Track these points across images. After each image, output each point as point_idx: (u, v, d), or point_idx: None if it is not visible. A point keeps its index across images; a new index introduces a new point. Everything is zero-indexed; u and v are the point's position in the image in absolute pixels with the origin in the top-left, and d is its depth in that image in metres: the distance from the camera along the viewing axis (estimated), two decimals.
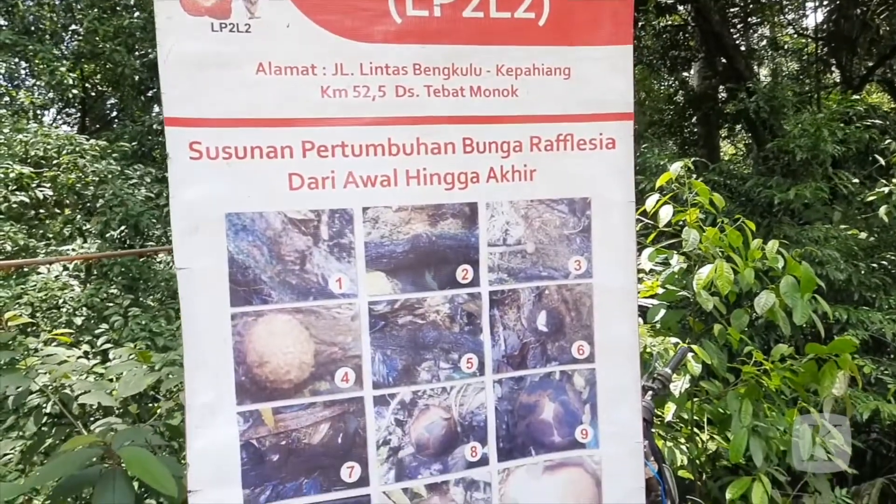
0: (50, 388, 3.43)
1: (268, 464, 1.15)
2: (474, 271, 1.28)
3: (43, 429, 3.55)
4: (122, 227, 5.82)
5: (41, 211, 6.22)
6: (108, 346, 4.71)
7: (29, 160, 6.10)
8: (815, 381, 3.55)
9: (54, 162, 6.17)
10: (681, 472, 3.74)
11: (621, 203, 1.33)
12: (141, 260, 5.65)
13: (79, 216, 6.12)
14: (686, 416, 3.91)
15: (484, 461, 1.29)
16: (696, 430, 3.88)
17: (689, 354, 3.48)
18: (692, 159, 3.75)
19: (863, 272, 5.23)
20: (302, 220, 1.18)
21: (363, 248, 1.21)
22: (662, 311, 3.65)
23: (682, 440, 3.74)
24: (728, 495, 3.43)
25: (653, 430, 2.73)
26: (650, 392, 2.65)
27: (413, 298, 1.24)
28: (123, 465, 2.22)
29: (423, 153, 1.23)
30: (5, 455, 4.19)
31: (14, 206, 5.66)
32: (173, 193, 1.10)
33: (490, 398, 1.29)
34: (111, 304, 5.22)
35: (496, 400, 1.30)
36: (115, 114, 10.61)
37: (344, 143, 1.19)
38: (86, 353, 4.56)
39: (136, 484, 2.27)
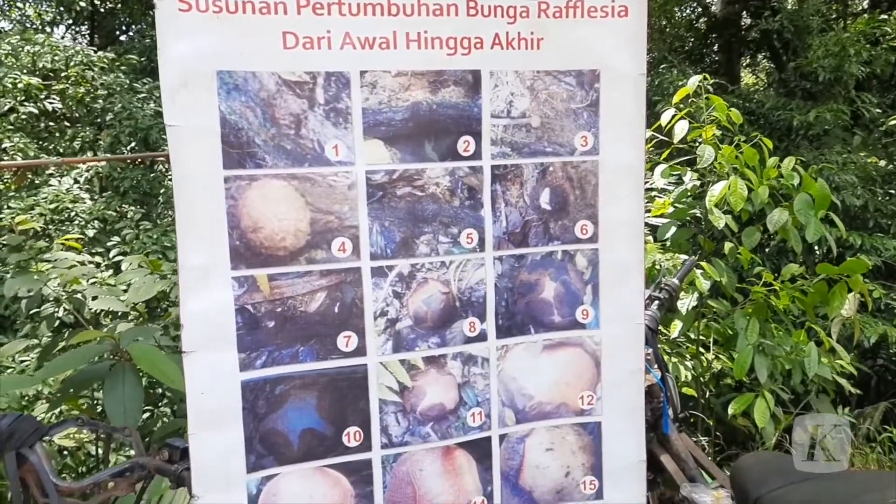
0: (61, 293, 3.47)
1: (263, 329, 1.15)
2: (476, 144, 1.24)
3: (56, 335, 3.61)
4: (132, 142, 5.79)
5: (51, 124, 6.18)
6: (120, 258, 4.75)
7: (37, 72, 6.03)
8: (824, 301, 3.53)
9: (62, 74, 6.10)
10: (684, 390, 3.78)
11: (632, 75, 1.27)
12: (152, 175, 5.65)
13: (88, 130, 6.09)
14: (692, 335, 3.92)
15: (482, 337, 1.28)
16: (701, 349, 3.90)
17: (699, 272, 3.45)
18: (711, 81, 3.63)
19: (879, 198, 5.15)
20: (297, 81, 1.13)
21: (360, 114, 1.17)
22: (673, 229, 3.61)
23: (688, 357, 3.76)
24: (730, 410, 3.46)
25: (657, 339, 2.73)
26: (656, 302, 2.63)
27: (412, 169, 1.21)
28: (132, 361, 2.26)
29: (425, 14, 1.17)
30: (23, 361, 4.28)
31: (23, 116, 5.62)
32: (161, 46, 1.06)
33: (490, 274, 1.27)
34: (123, 219, 5.25)
35: (496, 277, 1.28)
36: (124, 30, 10.42)
37: (341, 0, 1.13)
38: (98, 264, 4.61)
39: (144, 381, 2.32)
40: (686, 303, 3.54)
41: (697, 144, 3.52)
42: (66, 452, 3.37)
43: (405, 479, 1.25)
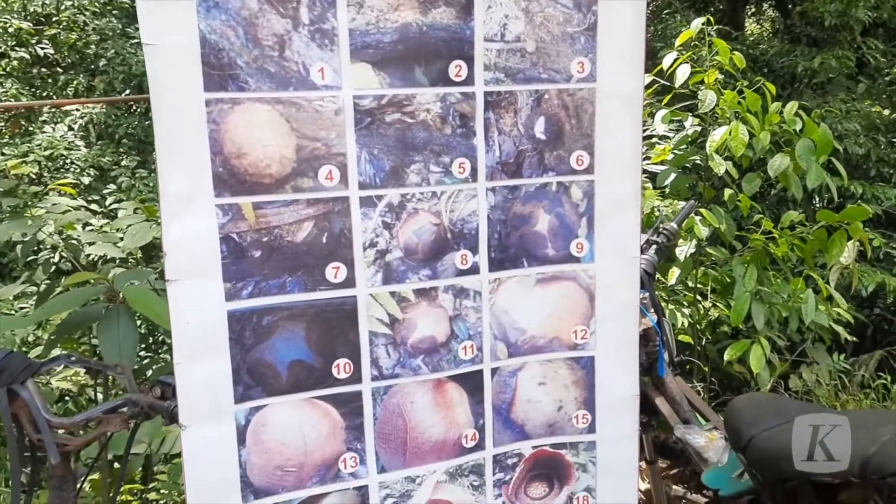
0: (57, 239, 3.45)
1: (249, 259, 1.12)
2: (468, 68, 1.19)
3: (53, 280, 3.59)
4: (126, 89, 5.69)
5: (43, 70, 6.07)
6: (116, 206, 4.72)
7: (28, 17, 5.89)
8: (823, 249, 3.51)
9: (54, 19, 5.96)
10: (681, 337, 3.79)
11: None
12: (147, 122, 5.56)
13: (82, 77, 5.98)
14: (689, 283, 3.90)
15: (474, 270, 1.25)
16: (698, 297, 3.89)
17: (697, 219, 3.42)
18: (715, 27, 3.54)
19: (882, 147, 5.08)
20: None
21: (347, 35, 1.12)
22: (672, 176, 3.56)
23: (685, 305, 3.76)
24: (726, 356, 3.47)
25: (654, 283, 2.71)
26: (654, 246, 2.60)
27: (402, 94, 1.16)
28: (127, 303, 2.25)
29: None
30: (22, 308, 4.29)
31: (15, 62, 5.52)
32: None
33: (482, 206, 1.24)
34: (118, 166, 5.19)
35: (489, 208, 1.25)
36: None
37: None
38: (94, 212, 4.57)
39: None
40: (684, 250, 3.52)
41: (699, 90, 3.45)
42: (67, 398, 3.40)
43: (396, 412, 1.24)
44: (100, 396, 2.87)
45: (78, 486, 1.53)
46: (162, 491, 3.10)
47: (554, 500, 1.39)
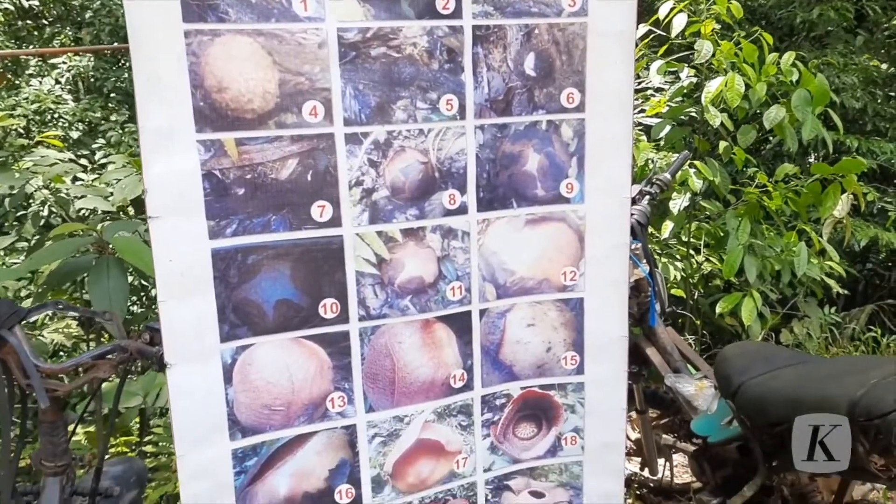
0: (47, 195, 3.42)
1: (233, 197, 1.10)
2: (456, 1, 1.15)
3: (42, 234, 3.57)
4: (113, 41, 5.57)
5: (28, 22, 5.93)
6: (105, 161, 4.66)
7: None
8: (817, 202, 3.50)
9: None
10: (673, 291, 3.80)
11: None
12: None
13: (69, 29, 5.84)
14: (683, 237, 3.90)
15: (462, 210, 1.24)
16: (691, 251, 3.89)
17: (692, 171, 3.40)
18: None
19: (879, 101, 5.03)
20: None
21: None
22: (667, 128, 3.53)
23: (678, 258, 3.76)
24: (718, 309, 3.49)
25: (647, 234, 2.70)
26: (647, 196, 2.59)
27: (387, 27, 1.13)
28: (116, 255, 2.23)
29: None
30: (13, 264, 4.26)
31: (0, 15, 5.39)
32: None
33: (471, 144, 1.22)
34: (107, 121, 5.11)
35: (477, 147, 1.22)
36: None
37: None
38: (84, 167, 4.52)
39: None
40: (678, 203, 3.51)
41: (695, 40, 3.39)
42: (61, 353, 3.40)
43: (383, 352, 1.24)
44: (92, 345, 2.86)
45: (70, 432, 1.53)
46: (159, 444, 3.13)
47: (542, 440, 1.40)
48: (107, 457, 2.40)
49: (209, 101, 1.07)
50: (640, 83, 3.63)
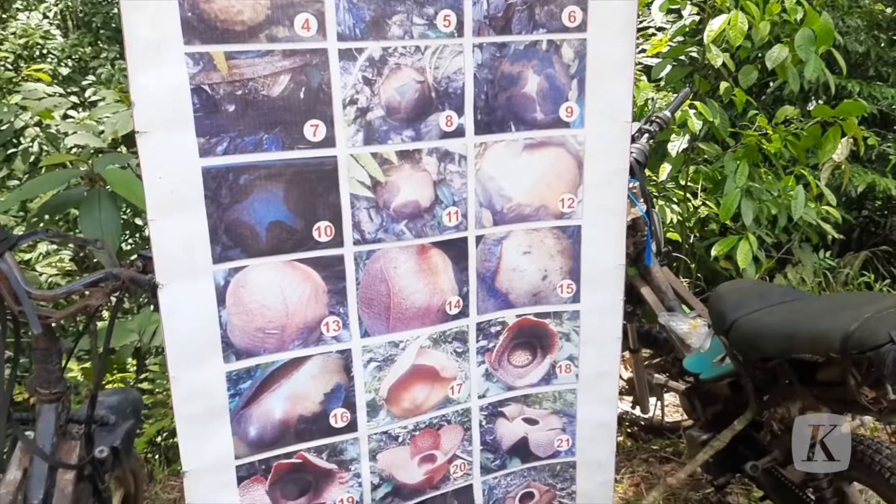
0: (38, 132, 3.35)
1: (223, 113, 1.07)
2: None
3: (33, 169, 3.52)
4: None
5: None
6: (96, 98, 4.57)
7: None
8: (817, 145, 3.47)
9: None
10: (669, 234, 3.79)
11: None
12: None
13: None
14: (681, 181, 3.87)
15: (459, 132, 1.21)
16: (688, 195, 3.87)
17: (692, 112, 3.35)
18: None
19: (882, 46, 4.94)
20: None
21: None
22: (668, 68, 3.46)
23: (675, 201, 3.74)
24: (713, 252, 3.48)
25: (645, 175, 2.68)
26: (646, 134, 2.55)
27: None
28: (108, 187, 2.20)
29: None
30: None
31: None
32: None
33: (468, 63, 1.18)
34: (97, 59, 4.99)
35: (475, 66, 1.19)
36: None
37: None
38: (74, 104, 4.44)
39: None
40: (676, 145, 3.47)
41: None
42: (55, 288, 3.39)
43: (379, 277, 1.23)
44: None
45: (64, 360, 1.53)
46: (156, 382, 3.15)
47: (536, 368, 1.40)
48: (103, 389, 2.40)
49: (197, 12, 1.02)
50: (641, 22, 3.55)
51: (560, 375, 1.41)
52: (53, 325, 1.48)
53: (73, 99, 4.24)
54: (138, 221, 3.33)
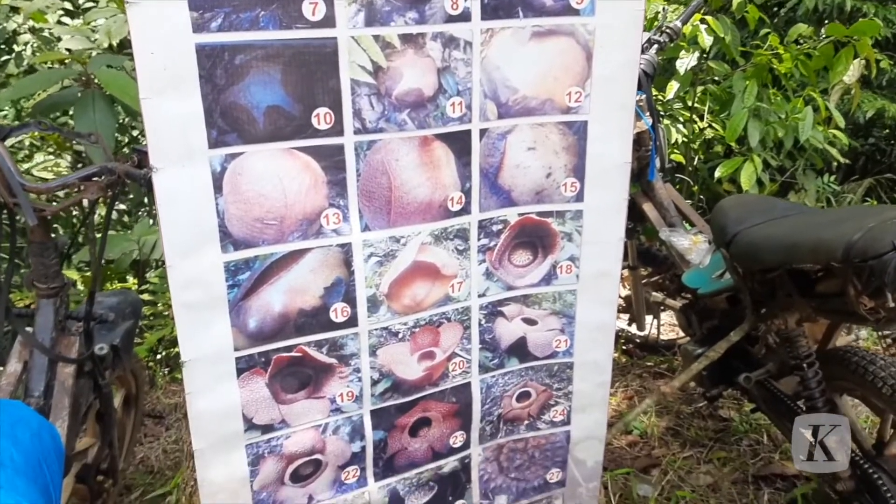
0: (29, 36, 3.25)
1: None
2: None
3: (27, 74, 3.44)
4: None
5: None
6: (90, 5, 4.42)
7: None
8: (829, 66, 3.39)
9: None
10: (673, 156, 3.74)
11: None
12: None
13: None
14: (688, 102, 3.80)
15: (465, 16, 1.15)
16: (695, 117, 3.80)
17: (703, 27, 3.26)
18: None
19: None
20: None
21: None
22: None
23: (680, 121, 3.68)
24: (717, 173, 3.45)
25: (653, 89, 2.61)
26: (655, 45, 2.47)
27: None
28: (102, 89, 2.15)
29: None
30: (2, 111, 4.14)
31: None
32: None
33: None
34: None
35: None
36: None
37: None
38: (67, 10, 4.29)
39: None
40: (685, 62, 3.39)
41: None
42: None
43: (380, 169, 1.20)
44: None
45: (61, 255, 1.52)
46: (156, 293, 3.16)
47: (537, 268, 1.39)
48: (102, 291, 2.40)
49: None
50: None
51: (560, 276, 1.40)
52: (49, 218, 1.46)
53: (67, 5, 4.10)
54: (134, 132, 3.28)
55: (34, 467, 1.05)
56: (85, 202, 1.54)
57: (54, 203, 1.54)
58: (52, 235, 1.48)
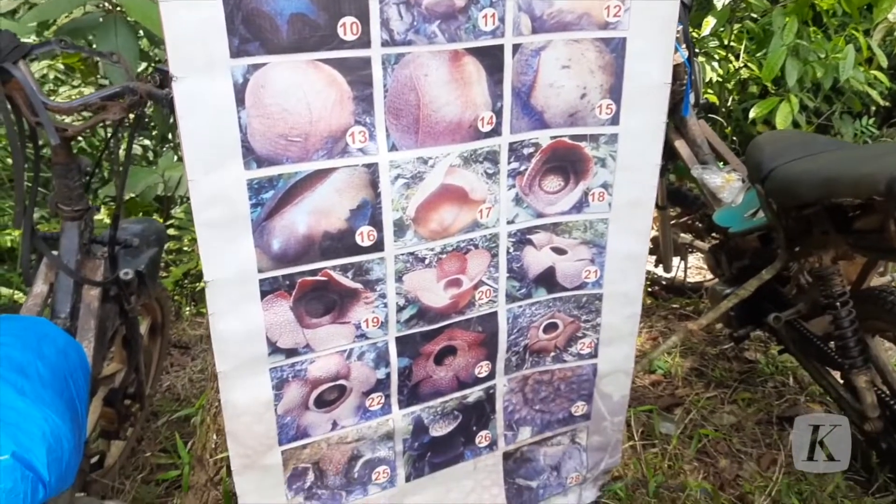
0: None
1: None
2: None
3: None
4: None
5: None
6: None
7: None
8: (873, 2, 3.25)
9: None
10: (706, 96, 3.63)
11: None
12: None
13: None
14: (724, 40, 3.66)
15: None
16: (731, 56, 3.67)
17: None
18: None
19: None
20: None
21: None
22: None
23: (716, 59, 3.56)
24: (752, 114, 3.34)
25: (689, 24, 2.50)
26: None
27: None
28: (125, 14, 2.12)
29: None
30: None
31: None
32: None
33: None
34: None
35: None
36: None
37: None
38: None
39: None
40: None
41: None
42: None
43: (408, 85, 1.15)
44: None
45: (85, 178, 1.51)
46: (181, 229, 3.16)
47: (568, 194, 1.35)
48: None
49: None
50: None
51: (592, 203, 1.36)
52: (71, 138, 1.44)
53: None
54: (157, 59, 3.23)
55: (60, 381, 1.06)
56: (108, 124, 1.51)
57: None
58: (76, 157, 1.46)
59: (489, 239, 1.34)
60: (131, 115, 1.41)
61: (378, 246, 1.25)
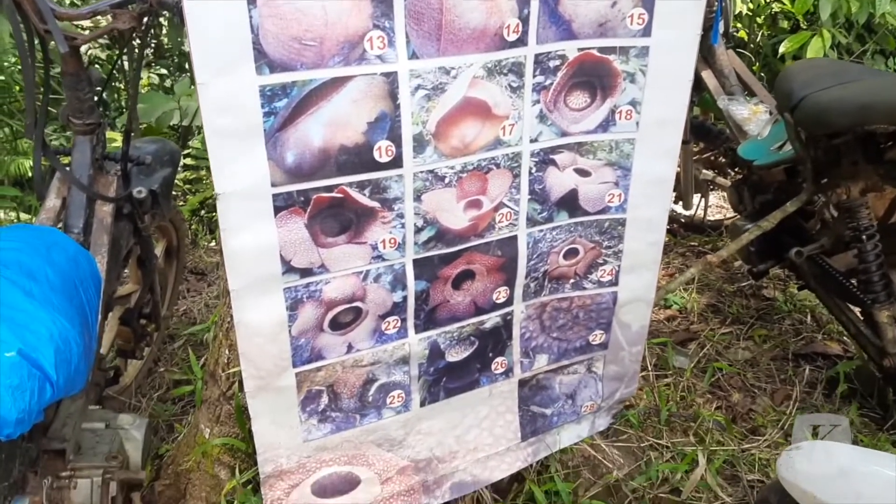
0: None
1: None
2: None
3: None
4: None
5: None
6: None
7: None
8: None
9: None
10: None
11: None
12: None
13: None
14: None
15: None
16: None
17: None
18: None
19: None
20: None
21: None
22: None
23: None
24: (782, 48, 3.22)
25: None
26: None
27: None
28: None
29: None
30: None
31: None
32: None
33: None
34: None
35: None
36: None
37: None
38: None
39: None
40: None
41: None
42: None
43: None
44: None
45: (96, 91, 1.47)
46: (198, 158, 3.13)
47: (595, 112, 1.29)
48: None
49: None
50: None
51: (619, 122, 1.31)
52: (81, 48, 1.40)
53: None
54: None
55: (70, 287, 1.04)
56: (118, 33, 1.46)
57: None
58: (86, 67, 1.42)
59: (511, 158, 1.29)
60: (143, 24, 1.36)
61: (396, 162, 1.21)
